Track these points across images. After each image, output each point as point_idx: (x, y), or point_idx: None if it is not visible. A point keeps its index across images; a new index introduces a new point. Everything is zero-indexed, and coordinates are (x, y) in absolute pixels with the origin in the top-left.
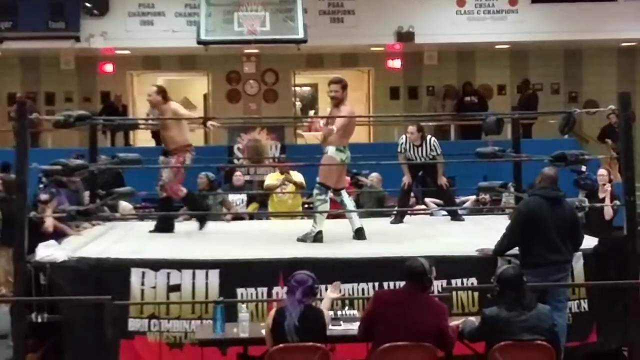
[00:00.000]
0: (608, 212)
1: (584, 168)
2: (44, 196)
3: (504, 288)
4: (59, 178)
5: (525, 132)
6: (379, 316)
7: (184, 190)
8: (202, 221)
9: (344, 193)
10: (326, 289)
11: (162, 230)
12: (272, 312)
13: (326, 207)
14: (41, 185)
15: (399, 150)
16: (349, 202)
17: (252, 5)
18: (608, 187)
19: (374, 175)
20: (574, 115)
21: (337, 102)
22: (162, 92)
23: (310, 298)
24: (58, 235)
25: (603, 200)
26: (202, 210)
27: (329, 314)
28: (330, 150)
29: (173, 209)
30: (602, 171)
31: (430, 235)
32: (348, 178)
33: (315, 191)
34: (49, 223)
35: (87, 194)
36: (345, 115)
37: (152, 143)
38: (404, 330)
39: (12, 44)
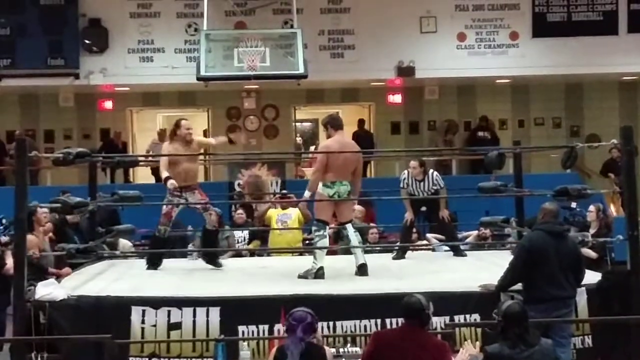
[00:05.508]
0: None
1: (574, 204)
2: (4, 238)
3: (508, 324)
4: None
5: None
6: (379, 357)
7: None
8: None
9: (349, 227)
10: (328, 327)
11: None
12: (273, 350)
13: (325, 242)
14: (1, 227)
15: (401, 185)
16: (354, 237)
17: (252, 41)
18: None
19: (357, 208)
20: (576, 150)
21: None
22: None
23: (310, 335)
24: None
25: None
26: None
27: (331, 351)
28: (320, 187)
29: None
30: (592, 207)
31: (432, 270)
32: None
33: (314, 227)
34: (10, 265)
35: None
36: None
37: (151, 180)
38: None
39: (11, 82)
